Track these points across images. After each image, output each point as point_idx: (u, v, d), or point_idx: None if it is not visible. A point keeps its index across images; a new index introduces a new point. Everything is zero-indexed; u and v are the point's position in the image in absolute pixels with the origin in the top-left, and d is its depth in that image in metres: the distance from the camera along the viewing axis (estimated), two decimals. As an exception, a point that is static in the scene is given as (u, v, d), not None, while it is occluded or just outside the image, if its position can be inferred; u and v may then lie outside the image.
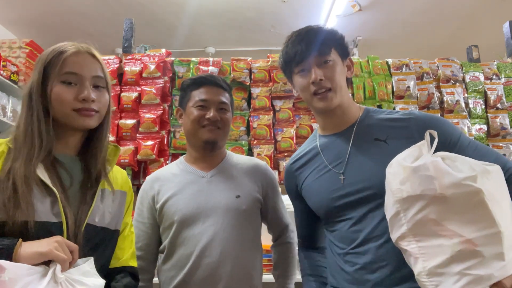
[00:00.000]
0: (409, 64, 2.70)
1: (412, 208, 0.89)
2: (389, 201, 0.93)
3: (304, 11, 4.10)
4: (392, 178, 0.93)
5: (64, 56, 0.96)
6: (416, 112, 1.14)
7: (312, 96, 1.14)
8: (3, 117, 3.02)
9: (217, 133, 1.38)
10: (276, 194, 1.49)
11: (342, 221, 1.11)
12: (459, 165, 0.88)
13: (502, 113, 2.62)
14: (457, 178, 0.85)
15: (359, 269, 1.05)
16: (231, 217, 1.32)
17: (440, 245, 0.85)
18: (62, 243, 0.82)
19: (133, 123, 2.46)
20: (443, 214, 0.86)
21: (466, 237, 0.83)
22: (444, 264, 0.84)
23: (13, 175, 0.87)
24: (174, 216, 1.32)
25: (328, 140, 1.20)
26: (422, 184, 0.87)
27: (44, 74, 0.96)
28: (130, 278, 1.04)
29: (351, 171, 1.11)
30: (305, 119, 2.60)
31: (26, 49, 3.31)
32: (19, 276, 0.75)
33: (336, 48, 1.17)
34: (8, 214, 0.83)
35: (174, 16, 4.17)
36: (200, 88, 1.40)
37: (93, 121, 0.99)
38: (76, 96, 0.96)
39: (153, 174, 1.48)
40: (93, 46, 1.04)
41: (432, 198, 0.86)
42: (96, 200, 0.97)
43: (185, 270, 1.28)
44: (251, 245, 1.36)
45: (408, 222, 0.89)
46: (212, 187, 1.37)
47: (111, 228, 1.01)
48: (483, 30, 4.18)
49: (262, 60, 2.67)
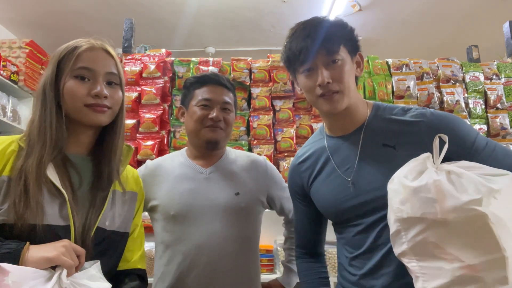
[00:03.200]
0: (409, 64, 2.69)
1: (412, 229, 0.86)
2: (391, 217, 0.91)
3: (304, 11, 4.10)
4: (393, 195, 0.90)
5: (78, 51, 0.95)
6: (428, 114, 1.04)
7: (317, 98, 1.05)
8: (3, 117, 3.02)
9: (219, 134, 1.36)
10: (279, 186, 1.47)
11: (350, 226, 1.09)
12: (464, 183, 0.83)
13: (502, 113, 2.62)
14: (460, 202, 0.80)
15: (364, 274, 1.04)
16: (230, 215, 1.31)
17: (440, 268, 0.82)
18: (69, 247, 0.81)
19: (133, 123, 2.46)
20: (444, 238, 0.82)
21: (466, 262, 0.79)
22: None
23: (25, 173, 0.86)
24: (170, 211, 1.30)
25: (336, 142, 1.14)
26: (422, 207, 0.84)
27: (57, 69, 0.95)
28: (138, 281, 1.02)
29: (360, 179, 1.05)
30: (305, 119, 2.60)
31: (26, 49, 3.31)
32: (23, 279, 0.74)
33: (346, 45, 1.06)
34: (18, 215, 0.82)
35: (174, 16, 4.17)
36: (204, 87, 1.38)
37: (105, 117, 0.97)
38: (88, 91, 0.94)
39: (153, 162, 1.45)
40: (108, 43, 1.03)
41: (432, 221, 0.83)
42: (107, 204, 0.95)
43: (182, 267, 1.26)
44: (250, 243, 1.35)
45: (408, 242, 0.86)
46: (211, 184, 1.35)
47: (121, 231, 0.99)
48: (483, 30, 4.18)
49: (262, 60, 2.67)
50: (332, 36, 1.03)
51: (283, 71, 2.58)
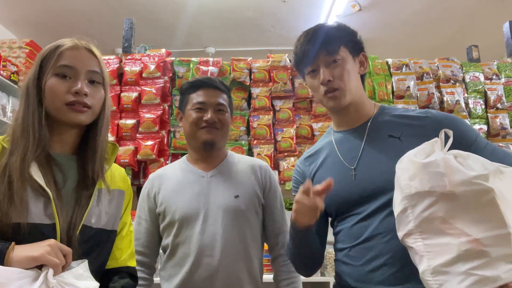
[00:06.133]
0: (409, 64, 2.70)
1: (420, 204, 0.87)
2: (397, 197, 0.92)
3: (304, 11, 4.10)
4: (401, 173, 0.92)
5: (61, 49, 0.96)
6: (433, 111, 1.12)
7: (323, 96, 1.14)
8: (3, 117, 3.02)
9: (215, 134, 1.39)
10: (274, 194, 1.46)
11: (350, 216, 1.11)
12: (471, 163, 0.85)
13: (502, 113, 2.62)
14: (468, 176, 0.82)
15: (363, 264, 1.05)
16: (230, 217, 1.33)
17: (446, 244, 0.83)
18: (55, 247, 0.81)
19: (133, 123, 2.46)
20: (451, 212, 0.83)
21: (473, 236, 0.80)
22: (450, 263, 0.82)
23: (9, 170, 0.86)
24: (175, 216, 1.33)
25: (342, 136, 1.19)
26: (431, 180, 0.85)
27: (40, 68, 0.95)
28: (128, 279, 1.03)
29: (363, 167, 1.09)
30: (305, 119, 2.60)
31: (26, 49, 3.31)
32: (8, 280, 0.73)
33: (346, 45, 1.14)
34: (2, 212, 0.82)
35: (174, 16, 4.17)
36: (198, 91, 1.42)
37: (85, 117, 0.96)
38: (69, 89, 0.94)
39: (156, 172, 1.50)
40: (93, 44, 1.02)
41: (440, 195, 0.84)
42: (92, 201, 0.95)
43: (185, 269, 1.29)
44: (252, 244, 1.36)
45: (415, 219, 0.87)
46: (212, 187, 1.38)
47: (108, 228, 0.99)
48: (483, 30, 4.18)
49: (262, 60, 2.67)
50: (331, 38, 1.13)
51: (283, 71, 2.58)
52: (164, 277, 1.37)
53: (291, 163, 2.48)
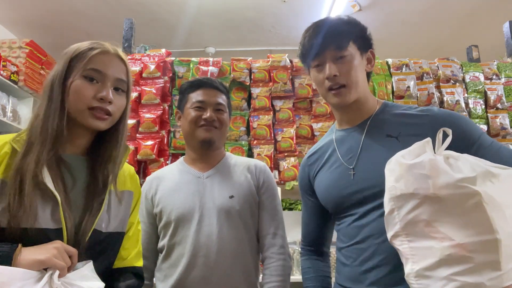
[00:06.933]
0: (409, 64, 2.69)
1: (405, 206, 0.85)
2: (386, 198, 0.91)
3: (304, 11, 4.10)
4: (389, 174, 0.91)
5: (93, 53, 0.96)
6: (435, 109, 1.09)
7: (327, 91, 1.12)
8: (3, 117, 3.02)
9: (213, 133, 1.40)
10: (267, 194, 1.44)
11: (348, 215, 1.11)
12: (460, 165, 0.83)
13: (502, 113, 2.62)
14: (453, 179, 0.80)
15: (358, 264, 1.05)
16: (225, 217, 1.33)
17: (430, 247, 0.81)
18: (61, 249, 0.81)
19: (133, 123, 2.46)
20: (435, 216, 0.81)
21: (457, 241, 0.78)
22: (432, 267, 0.80)
23: (22, 173, 0.85)
24: (171, 216, 1.34)
25: (343, 134, 1.19)
26: (415, 182, 0.84)
27: (68, 67, 0.95)
28: (134, 279, 1.02)
29: (361, 167, 1.09)
30: (305, 119, 2.60)
31: (26, 49, 3.30)
32: (11, 280, 0.74)
33: (355, 41, 1.12)
34: (11, 216, 0.81)
35: (174, 16, 4.17)
36: (197, 90, 1.44)
37: (104, 124, 0.97)
38: (95, 93, 0.94)
39: (153, 174, 1.51)
40: (123, 51, 1.03)
41: (424, 197, 0.82)
42: (103, 208, 0.95)
43: (180, 269, 1.29)
44: (247, 245, 1.36)
45: (400, 221, 0.86)
46: (207, 187, 1.39)
47: (117, 231, 0.99)
48: (483, 30, 4.18)
49: (262, 60, 2.66)
50: (341, 33, 1.11)
51: (283, 71, 2.58)
52: (159, 278, 1.37)
53: (291, 163, 2.48)
